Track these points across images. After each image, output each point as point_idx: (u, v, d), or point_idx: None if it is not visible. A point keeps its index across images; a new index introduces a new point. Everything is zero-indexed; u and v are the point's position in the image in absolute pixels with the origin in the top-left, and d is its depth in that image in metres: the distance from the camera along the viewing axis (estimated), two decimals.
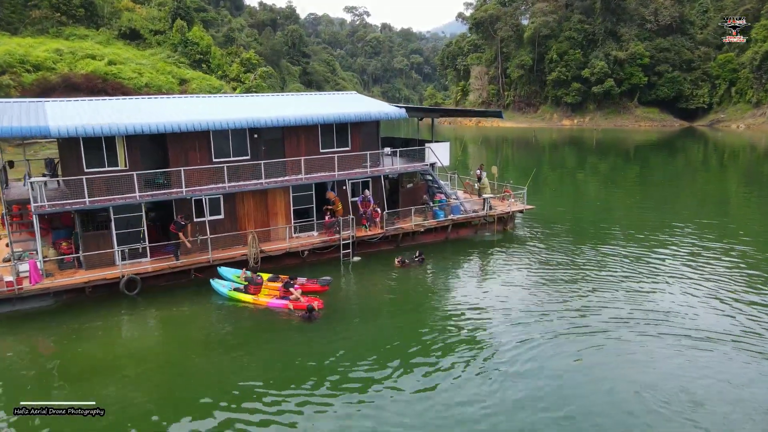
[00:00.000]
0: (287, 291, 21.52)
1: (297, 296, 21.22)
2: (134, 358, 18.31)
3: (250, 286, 22.19)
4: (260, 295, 22.20)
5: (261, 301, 21.83)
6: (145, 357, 18.37)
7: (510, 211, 32.20)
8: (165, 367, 17.80)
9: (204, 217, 25.11)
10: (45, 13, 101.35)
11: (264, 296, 22.21)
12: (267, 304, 21.72)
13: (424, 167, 30.75)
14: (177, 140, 24.67)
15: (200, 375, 17.16)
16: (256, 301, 21.88)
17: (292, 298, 21.29)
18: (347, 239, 27.12)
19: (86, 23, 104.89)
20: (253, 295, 22.08)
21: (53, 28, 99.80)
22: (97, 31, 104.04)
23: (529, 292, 23.63)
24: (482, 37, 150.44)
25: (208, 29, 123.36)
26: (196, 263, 24.21)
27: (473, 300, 22.79)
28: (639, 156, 76.70)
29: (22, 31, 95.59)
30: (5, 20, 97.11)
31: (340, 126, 28.51)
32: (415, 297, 23.60)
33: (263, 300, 21.87)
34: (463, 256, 28.76)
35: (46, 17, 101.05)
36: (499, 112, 33.28)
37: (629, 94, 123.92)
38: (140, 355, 18.49)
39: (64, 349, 19.14)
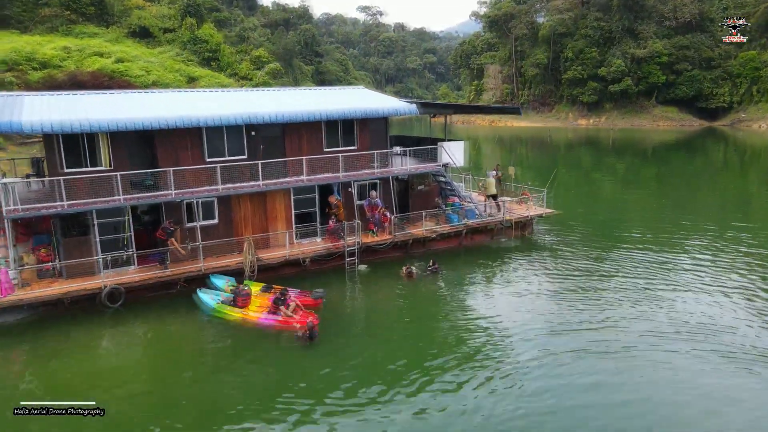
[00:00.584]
0: (276, 307, 19.35)
1: (287, 313, 19.07)
2: (114, 380, 16.36)
3: (237, 297, 20.04)
4: (250, 309, 20.07)
5: (251, 317, 19.69)
6: (127, 380, 16.46)
7: (529, 216, 29.87)
8: (148, 393, 15.86)
9: (195, 222, 22.97)
10: (55, 11, 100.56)
11: (254, 310, 20.08)
12: (257, 321, 19.57)
13: (437, 168, 28.50)
14: (166, 138, 22.62)
15: (187, 401, 15.31)
16: (245, 317, 19.74)
17: (283, 315, 19.14)
18: (353, 246, 24.95)
19: (96, 21, 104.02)
20: (242, 308, 19.95)
21: (63, 26, 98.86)
22: (108, 29, 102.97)
23: (551, 304, 21.57)
24: (497, 36, 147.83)
25: (221, 29, 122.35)
26: (186, 272, 22.13)
27: (490, 313, 20.74)
28: (657, 156, 74.05)
29: (33, 30, 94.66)
30: (16, 18, 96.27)
31: (346, 123, 26.34)
32: (426, 310, 21.44)
33: (253, 315, 19.72)
34: (479, 264, 26.48)
35: (56, 15, 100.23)
36: (518, 108, 31.02)
37: (647, 93, 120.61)
38: (121, 378, 16.52)
39: (36, 370, 17.20)
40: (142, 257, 22.58)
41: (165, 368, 17.36)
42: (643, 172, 60.98)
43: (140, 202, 21.53)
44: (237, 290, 20.12)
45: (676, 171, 60.75)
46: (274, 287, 21.40)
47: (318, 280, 23.91)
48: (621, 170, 62.15)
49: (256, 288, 21.69)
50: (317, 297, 20.76)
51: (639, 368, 16.58)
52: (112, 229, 21.92)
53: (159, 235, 21.69)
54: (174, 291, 22.10)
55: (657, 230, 32.25)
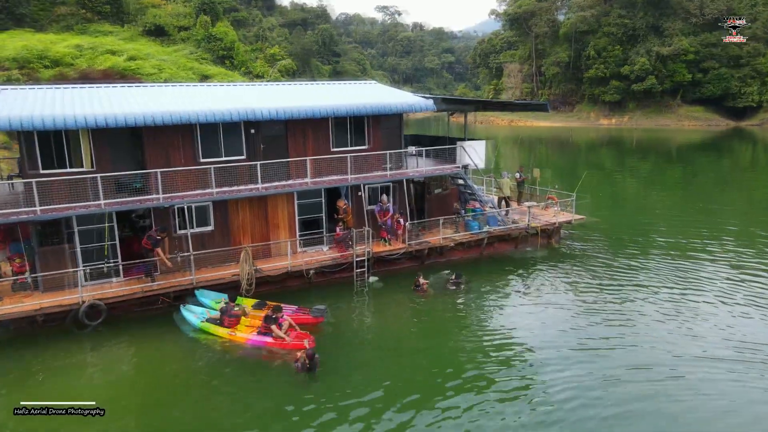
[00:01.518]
0: (268, 326, 16.98)
1: (278, 333, 16.71)
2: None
3: (224, 317, 17.72)
4: (238, 329, 17.75)
5: (239, 338, 17.36)
6: (104, 413, 14.07)
7: (557, 223, 27.27)
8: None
9: (187, 229, 20.70)
10: (71, 10, 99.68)
11: (243, 330, 17.74)
12: (246, 342, 17.23)
13: (456, 170, 25.99)
14: (154, 136, 20.37)
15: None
16: (232, 338, 17.42)
17: (274, 336, 16.80)
18: (362, 256, 22.58)
19: (112, 20, 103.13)
20: (229, 328, 17.64)
21: (79, 25, 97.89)
22: (123, 28, 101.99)
23: (581, 321, 19.27)
24: (516, 34, 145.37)
25: (239, 28, 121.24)
26: (175, 286, 19.89)
27: (515, 335, 18.42)
28: (682, 157, 71.19)
29: (48, 28, 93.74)
30: (31, 17, 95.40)
31: (356, 120, 23.94)
32: (443, 331, 18.99)
33: (241, 336, 17.38)
34: (502, 276, 23.93)
35: (72, 14, 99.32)
36: (545, 105, 28.47)
37: (672, 92, 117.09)
38: None
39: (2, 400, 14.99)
40: (129, 268, 20.39)
41: (146, 398, 15.04)
42: (669, 173, 58.28)
43: (123, 208, 19.26)
44: (226, 309, 17.76)
45: (703, 172, 58.03)
46: (268, 303, 19.10)
47: (323, 294, 21.61)
48: (646, 171, 59.14)
49: (247, 304, 19.41)
50: (317, 315, 18.40)
51: (680, 395, 14.58)
52: (97, 237, 19.75)
53: (144, 244, 19.46)
54: (162, 306, 19.86)
55: (690, 235, 29.84)
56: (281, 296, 20.99)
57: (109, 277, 20.13)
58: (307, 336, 16.72)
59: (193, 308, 19.01)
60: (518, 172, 29.99)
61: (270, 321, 16.81)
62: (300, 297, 21.18)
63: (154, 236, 19.33)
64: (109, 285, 19.74)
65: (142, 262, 19.78)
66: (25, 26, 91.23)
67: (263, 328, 16.97)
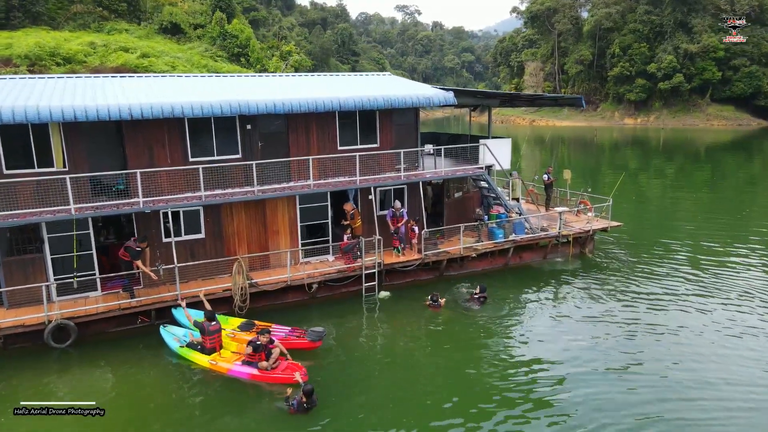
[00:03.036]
0: (253, 356, 14.46)
1: (264, 366, 14.20)
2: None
3: (205, 338, 15.22)
4: (221, 355, 15.25)
5: (219, 367, 14.84)
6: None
7: (591, 230, 24.51)
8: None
9: (171, 237, 18.25)
10: (87, 8, 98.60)
11: (227, 356, 15.22)
12: (228, 372, 14.73)
13: (478, 171, 23.30)
14: (136, 131, 17.97)
15: None
16: (213, 367, 14.92)
17: (261, 366, 14.28)
18: (372, 268, 20.04)
19: (128, 18, 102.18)
20: (210, 354, 15.15)
21: (95, 23, 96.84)
22: (139, 26, 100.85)
23: (617, 343, 16.90)
24: (538, 32, 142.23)
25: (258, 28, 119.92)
26: (157, 302, 17.49)
27: (542, 354, 16.19)
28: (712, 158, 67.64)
29: (64, 27, 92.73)
30: (48, 15, 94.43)
31: (366, 114, 21.37)
32: (462, 355, 16.31)
33: (223, 365, 14.85)
34: (529, 290, 21.22)
35: (88, 12, 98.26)
36: (579, 98, 25.72)
37: (700, 90, 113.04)
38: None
39: None
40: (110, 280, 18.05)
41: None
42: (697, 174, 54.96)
43: (97, 213, 16.82)
44: (203, 327, 15.18)
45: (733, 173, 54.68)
46: (257, 324, 16.61)
47: (327, 311, 19.17)
48: (674, 173, 55.98)
49: (232, 324, 16.94)
50: (314, 338, 15.81)
51: None
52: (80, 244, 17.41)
53: (121, 255, 17.05)
54: (146, 325, 17.49)
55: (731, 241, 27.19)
56: (279, 313, 18.62)
57: (87, 291, 17.80)
58: (299, 368, 14.19)
59: (174, 330, 16.58)
60: (546, 174, 27.22)
61: (258, 348, 14.25)
62: (300, 314, 18.75)
63: (133, 247, 16.93)
64: (84, 301, 17.39)
65: (120, 275, 17.38)
66: (42, 24, 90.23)
67: (249, 355, 14.44)
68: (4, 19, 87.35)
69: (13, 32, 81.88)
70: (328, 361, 15.71)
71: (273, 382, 14.04)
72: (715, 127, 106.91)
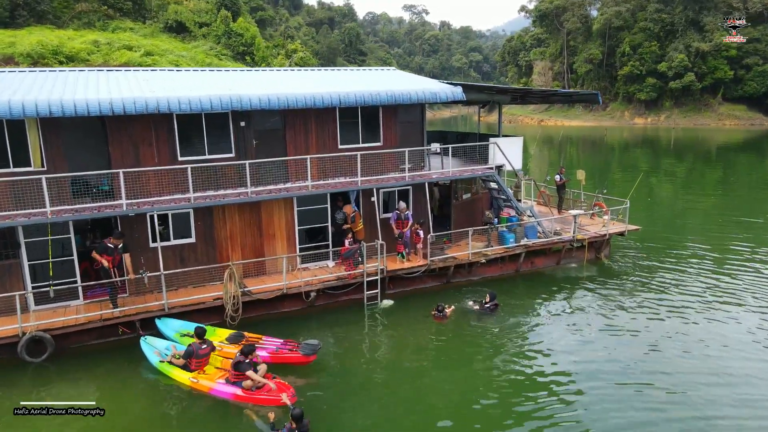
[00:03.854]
0: (238, 374, 13.14)
1: (249, 385, 12.89)
2: None
3: (192, 360, 13.93)
4: (207, 371, 13.98)
5: (201, 386, 13.53)
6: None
7: (607, 234, 23.13)
8: None
9: (159, 242, 16.95)
10: (92, 7, 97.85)
11: (211, 373, 13.92)
12: (209, 391, 13.43)
13: (488, 171, 21.96)
14: (120, 128, 16.73)
15: None
16: (194, 385, 13.62)
17: (246, 386, 12.97)
18: (374, 274, 18.76)
19: (133, 16, 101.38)
20: (192, 371, 13.86)
21: (100, 22, 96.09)
22: (144, 25, 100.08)
23: (638, 355, 15.71)
24: (547, 31, 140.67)
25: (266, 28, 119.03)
26: (142, 312, 16.24)
27: (556, 368, 14.90)
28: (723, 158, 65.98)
29: (69, 26, 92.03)
30: (53, 14, 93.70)
31: (368, 111, 20.07)
32: (472, 371, 15.01)
33: (205, 384, 13.53)
34: (542, 298, 19.86)
35: (93, 11, 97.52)
36: (595, 94, 24.30)
37: (712, 89, 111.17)
38: None
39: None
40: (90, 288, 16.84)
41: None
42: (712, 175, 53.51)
43: (76, 217, 15.58)
44: (193, 351, 13.92)
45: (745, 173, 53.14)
46: (246, 336, 15.35)
47: (325, 321, 17.93)
48: (691, 174, 54.36)
49: (220, 335, 15.69)
50: (308, 352, 14.47)
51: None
52: (60, 249, 16.24)
53: (97, 257, 15.73)
54: (129, 336, 16.25)
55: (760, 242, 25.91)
56: (274, 323, 17.40)
57: (68, 299, 16.60)
58: (287, 387, 12.88)
59: (155, 342, 15.31)
60: (558, 174, 25.84)
61: (242, 367, 12.94)
62: (296, 324, 17.52)
63: (107, 246, 15.63)
64: (64, 310, 16.18)
65: (101, 283, 16.12)
66: (47, 23, 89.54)
67: (233, 375, 13.12)
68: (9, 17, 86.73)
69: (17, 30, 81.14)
70: (323, 378, 14.44)
71: (258, 403, 12.73)
72: (727, 126, 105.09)
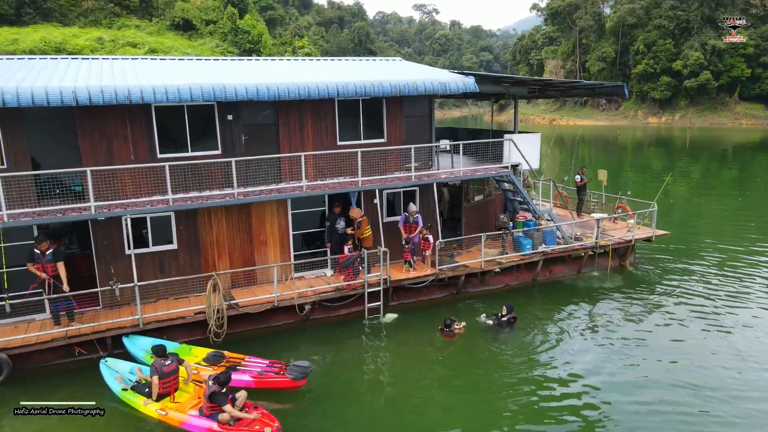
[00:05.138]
0: (213, 406, 11.22)
1: (227, 419, 10.96)
2: None
3: (160, 382, 11.97)
4: (174, 400, 12.08)
5: (171, 418, 11.61)
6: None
7: (632, 240, 21.15)
8: None
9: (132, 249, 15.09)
10: (99, 4, 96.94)
11: (183, 402, 12.02)
12: (181, 425, 11.53)
13: (503, 170, 20.02)
14: (92, 121, 14.90)
15: None
16: (162, 419, 11.70)
17: (222, 420, 11.06)
18: (376, 285, 16.88)
19: (140, 14, 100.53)
20: (160, 402, 11.96)
21: (106, 20, 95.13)
22: (150, 22, 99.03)
23: (673, 374, 13.87)
24: (558, 29, 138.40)
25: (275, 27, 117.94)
26: (113, 328, 14.42)
27: (579, 390, 12.96)
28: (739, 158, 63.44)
29: (75, 23, 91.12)
30: (60, 12, 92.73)
31: (370, 103, 18.15)
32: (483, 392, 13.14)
33: (175, 416, 11.59)
34: (562, 312, 17.87)
35: (100, 8, 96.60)
36: (621, 86, 22.28)
37: (728, 88, 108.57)
38: None
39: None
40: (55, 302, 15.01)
41: None
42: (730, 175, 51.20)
43: (38, 221, 13.78)
44: (156, 369, 12.01)
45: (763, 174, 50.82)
46: (228, 356, 13.51)
47: (321, 337, 16.07)
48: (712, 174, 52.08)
49: (197, 354, 13.85)
50: (297, 376, 12.59)
51: None
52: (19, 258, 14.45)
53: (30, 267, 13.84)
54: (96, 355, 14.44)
55: None
56: (264, 339, 15.65)
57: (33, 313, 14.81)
58: (271, 421, 10.98)
59: (117, 365, 13.41)
60: (578, 174, 23.85)
61: (217, 398, 11.04)
62: (289, 340, 15.73)
63: (59, 251, 13.78)
64: (26, 326, 14.40)
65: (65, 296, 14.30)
66: (53, 21, 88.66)
67: (208, 407, 11.23)
68: (15, 15, 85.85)
69: (22, 28, 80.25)
70: (314, 407, 12.56)
71: None
72: (743, 126, 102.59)
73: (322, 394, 13.16)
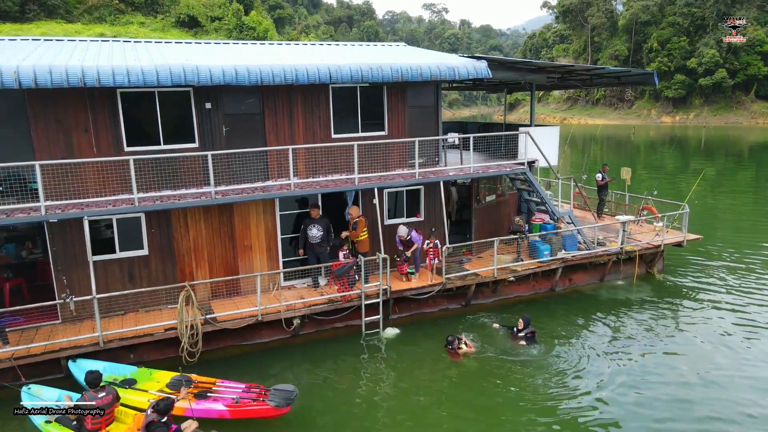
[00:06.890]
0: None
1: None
2: None
3: (85, 417, 9.94)
4: None
5: None
6: None
7: (661, 245, 19.04)
8: None
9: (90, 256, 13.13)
10: (103, 1, 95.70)
11: None
12: None
13: (518, 167, 17.93)
14: (46, 109, 12.96)
15: None
16: None
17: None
18: (374, 296, 14.89)
19: (145, 11, 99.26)
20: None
21: (111, 16, 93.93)
22: (156, 19, 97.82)
23: (710, 397, 11.95)
24: (570, 27, 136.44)
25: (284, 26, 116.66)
26: (69, 347, 12.47)
27: (605, 416, 10.96)
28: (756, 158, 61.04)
29: (80, 20, 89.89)
30: (65, 9, 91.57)
31: (369, 91, 16.13)
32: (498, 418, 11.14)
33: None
34: (583, 324, 15.85)
35: (105, 5, 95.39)
36: (651, 74, 20.18)
37: (745, 86, 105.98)
38: None
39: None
40: (9, 315, 13.11)
41: None
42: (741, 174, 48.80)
43: None
44: (87, 399, 9.99)
45: None
46: (197, 381, 11.54)
47: (313, 355, 14.08)
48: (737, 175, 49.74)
49: (160, 380, 11.86)
50: (279, 403, 10.55)
51: None
52: None
53: None
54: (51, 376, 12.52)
55: None
56: (246, 359, 13.75)
57: None
58: None
59: (43, 392, 11.37)
60: (600, 173, 21.76)
61: (157, 428, 8.98)
62: (275, 360, 13.81)
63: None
64: None
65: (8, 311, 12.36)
66: (58, 17, 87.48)
67: None
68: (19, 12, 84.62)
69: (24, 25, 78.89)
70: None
71: None
72: (760, 125, 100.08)
73: (310, 424, 11.19)
